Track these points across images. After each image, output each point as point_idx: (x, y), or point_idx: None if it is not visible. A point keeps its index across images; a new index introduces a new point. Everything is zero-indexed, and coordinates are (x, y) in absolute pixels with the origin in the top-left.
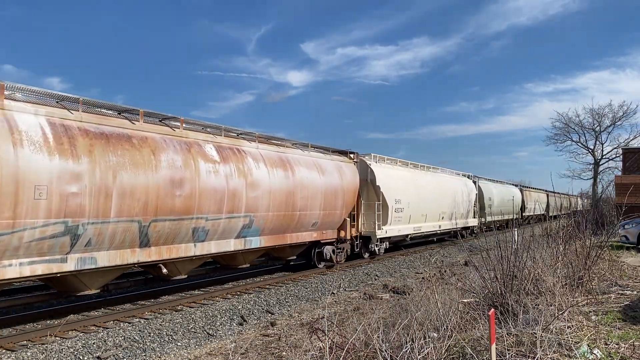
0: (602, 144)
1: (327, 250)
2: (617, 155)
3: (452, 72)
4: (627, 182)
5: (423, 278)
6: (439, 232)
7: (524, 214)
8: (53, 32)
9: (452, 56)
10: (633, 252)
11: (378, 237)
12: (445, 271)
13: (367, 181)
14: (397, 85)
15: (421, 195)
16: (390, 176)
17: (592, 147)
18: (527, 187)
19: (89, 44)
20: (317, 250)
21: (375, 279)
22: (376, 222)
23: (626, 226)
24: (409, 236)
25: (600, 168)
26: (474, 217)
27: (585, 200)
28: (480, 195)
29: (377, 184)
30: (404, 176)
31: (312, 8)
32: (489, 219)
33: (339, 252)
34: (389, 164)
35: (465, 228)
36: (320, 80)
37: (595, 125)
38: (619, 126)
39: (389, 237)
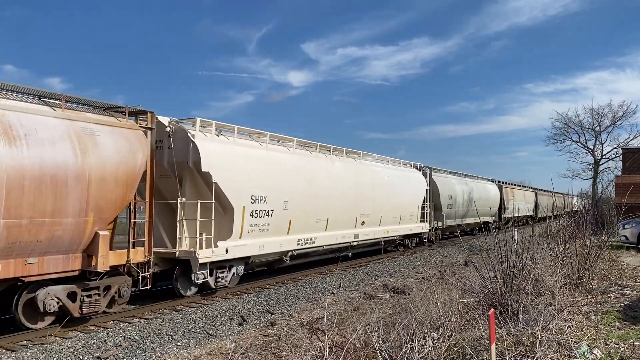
0: (602, 144)
1: (50, 295)
2: (617, 155)
3: (452, 72)
4: (627, 182)
5: (423, 278)
6: (356, 243)
7: (503, 216)
8: (53, 31)
9: (452, 56)
10: (633, 252)
11: (204, 260)
12: (445, 271)
13: (189, 165)
14: (397, 86)
15: (318, 191)
16: (242, 158)
17: (592, 147)
18: (509, 183)
19: (90, 44)
20: (22, 296)
21: (375, 279)
22: (200, 235)
23: (626, 226)
24: (290, 253)
25: (600, 168)
26: (424, 221)
27: (585, 200)
28: (434, 193)
29: (204, 171)
30: (276, 160)
31: (312, 8)
32: (449, 222)
33: (92, 298)
34: (243, 138)
35: (410, 236)
36: (321, 80)
37: (595, 125)
38: (619, 126)
39: (242, 259)
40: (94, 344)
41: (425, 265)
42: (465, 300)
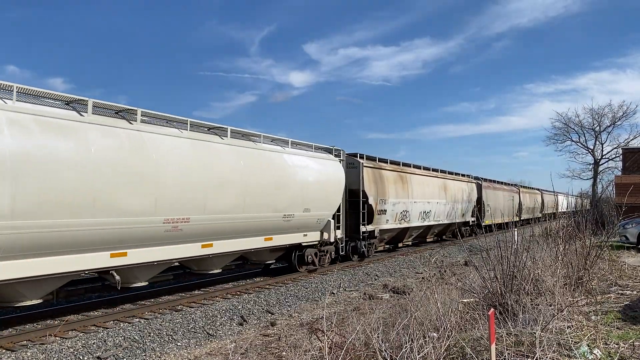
0: (602, 144)
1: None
2: (617, 155)
3: (453, 73)
4: (627, 182)
5: (423, 278)
6: None
7: (368, 228)
8: (55, 32)
9: (453, 57)
10: (633, 252)
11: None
12: (445, 271)
13: None
14: (398, 86)
15: None
16: None
17: (592, 147)
18: (391, 163)
19: (91, 45)
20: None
21: (375, 279)
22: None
23: (626, 226)
24: None
25: (600, 168)
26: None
27: (584, 200)
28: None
29: None
30: None
31: (314, 9)
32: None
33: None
34: None
35: None
36: (322, 81)
37: (595, 125)
38: (619, 126)
39: None
40: (94, 344)
41: (425, 265)
42: (465, 300)
